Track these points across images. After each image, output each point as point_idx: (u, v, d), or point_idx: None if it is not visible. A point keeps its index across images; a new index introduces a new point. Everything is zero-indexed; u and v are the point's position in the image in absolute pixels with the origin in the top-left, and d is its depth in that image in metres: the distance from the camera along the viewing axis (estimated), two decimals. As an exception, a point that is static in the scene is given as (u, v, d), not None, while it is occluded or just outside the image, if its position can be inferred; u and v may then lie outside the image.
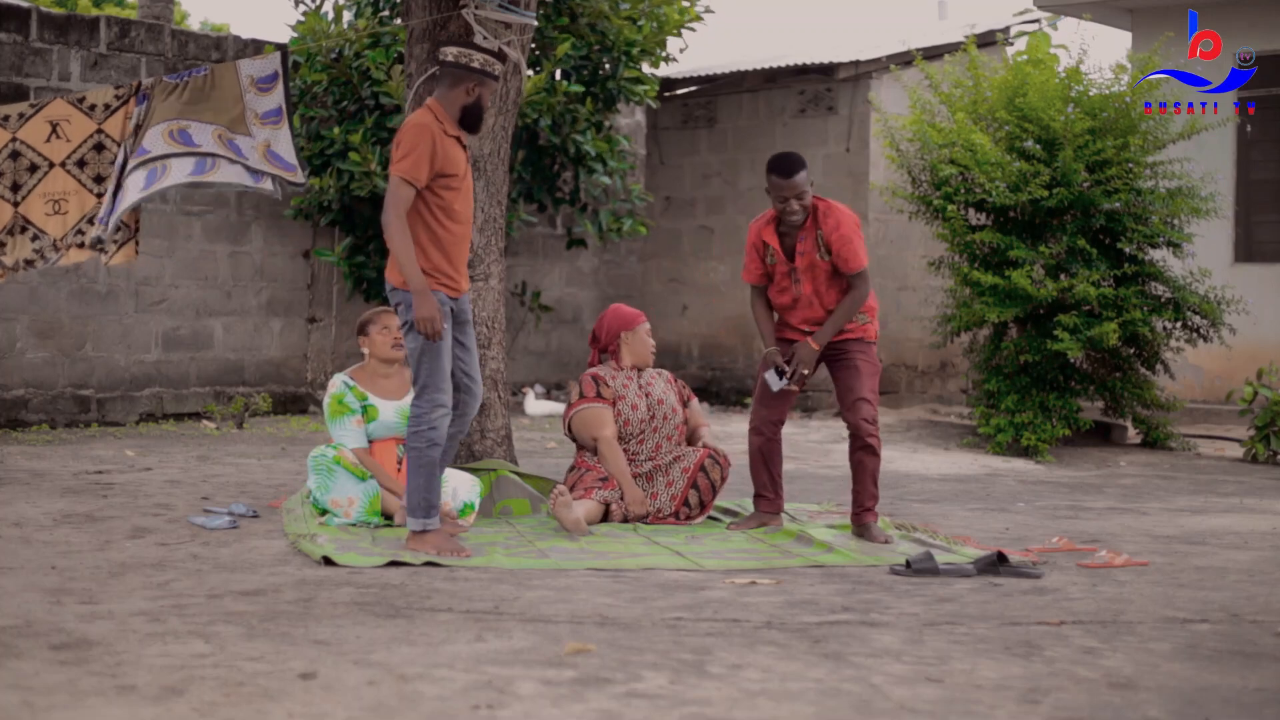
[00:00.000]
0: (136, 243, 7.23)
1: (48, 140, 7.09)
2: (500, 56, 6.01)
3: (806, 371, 6.38)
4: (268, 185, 6.92)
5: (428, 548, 5.67)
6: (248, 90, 6.91)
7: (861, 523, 6.38)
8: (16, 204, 7.07)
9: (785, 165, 6.31)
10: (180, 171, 6.78)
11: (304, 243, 12.49)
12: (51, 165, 7.08)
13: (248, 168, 6.83)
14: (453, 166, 5.75)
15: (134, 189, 6.82)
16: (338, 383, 6.71)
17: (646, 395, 7.02)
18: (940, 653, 4.18)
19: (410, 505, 5.80)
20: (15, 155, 7.09)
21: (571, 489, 6.81)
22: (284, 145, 6.89)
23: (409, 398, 6.74)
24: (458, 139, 5.84)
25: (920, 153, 11.10)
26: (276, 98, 6.92)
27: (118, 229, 7.06)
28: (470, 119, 5.85)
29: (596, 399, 6.94)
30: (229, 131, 6.87)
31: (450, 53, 5.90)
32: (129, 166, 6.87)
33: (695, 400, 7.28)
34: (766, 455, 6.56)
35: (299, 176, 6.92)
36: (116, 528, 6.28)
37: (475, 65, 5.85)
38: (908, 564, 5.61)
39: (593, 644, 4.15)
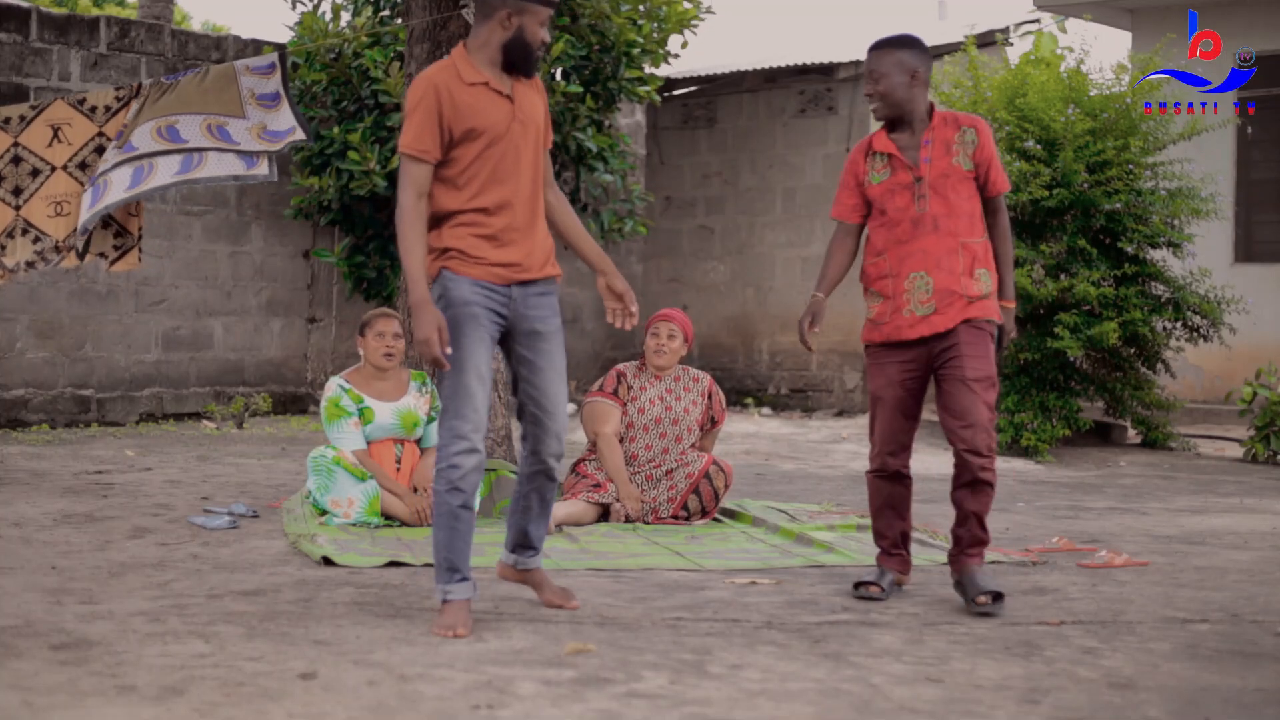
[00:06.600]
0: (139, 250, 7.22)
1: (49, 144, 7.08)
2: None
3: (1014, 335, 5.24)
4: (263, 169, 6.75)
5: (437, 626, 4.38)
6: (242, 74, 6.89)
7: (960, 565, 5.05)
8: (18, 207, 7.07)
9: (877, 41, 5.07)
10: (167, 171, 6.72)
11: (304, 243, 12.49)
12: (54, 169, 7.08)
13: (240, 153, 6.75)
14: (476, 120, 4.51)
15: (119, 186, 6.76)
16: (333, 386, 6.71)
17: (662, 400, 7.01)
18: (940, 653, 4.19)
19: (434, 564, 4.62)
20: (17, 160, 7.09)
21: (564, 493, 6.86)
22: (283, 120, 6.83)
23: (406, 398, 6.74)
24: (486, 85, 4.55)
25: (920, 152, 11.07)
26: (274, 84, 6.90)
27: (108, 225, 7.03)
28: (517, 57, 4.54)
29: (610, 395, 6.97)
30: (219, 118, 6.81)
31: None
32: (114, 161, 6.84)
33: (720, 429, 7.22)
34: (891, 500, 5.22)
35: (300, 135, 6.80)
36: (116, 528, 6.29)
37: None
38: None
39: (593, 644, 4.15)
